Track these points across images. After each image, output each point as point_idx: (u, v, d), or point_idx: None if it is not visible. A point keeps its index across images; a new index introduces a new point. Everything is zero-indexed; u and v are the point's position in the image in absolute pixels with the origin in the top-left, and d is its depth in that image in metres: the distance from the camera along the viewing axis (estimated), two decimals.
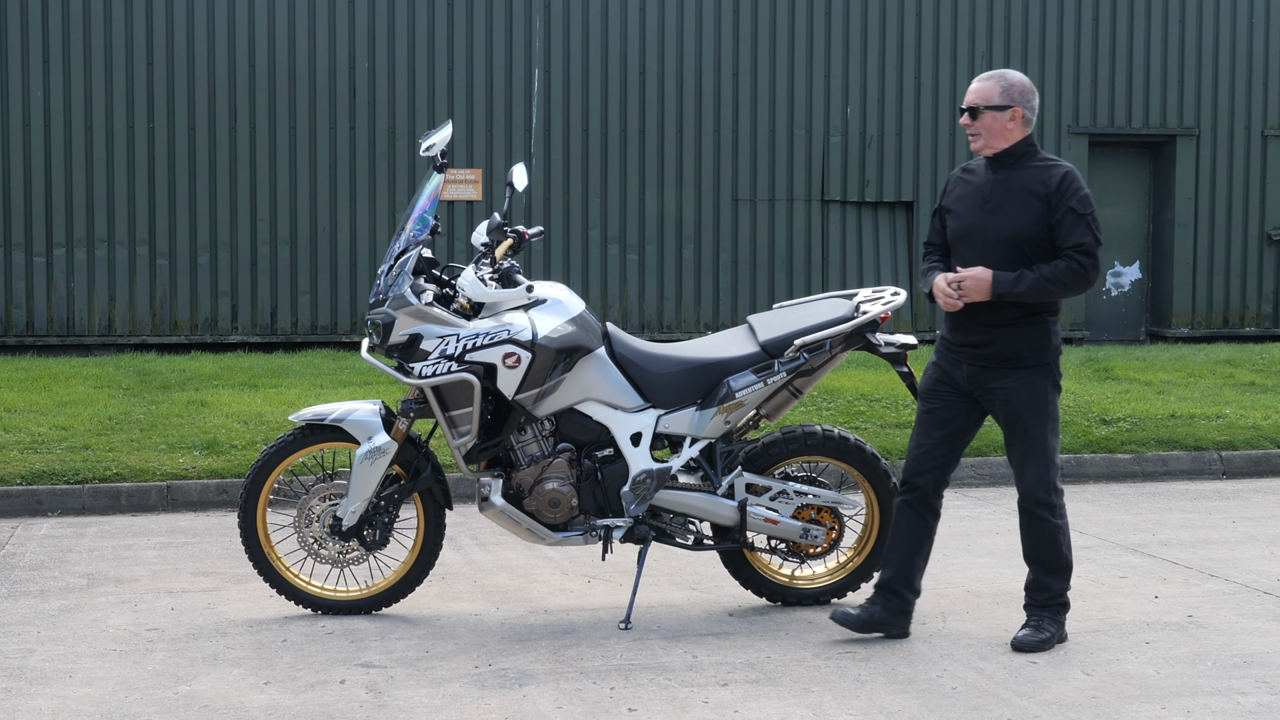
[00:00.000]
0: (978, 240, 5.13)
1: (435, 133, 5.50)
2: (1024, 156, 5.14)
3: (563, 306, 5.51)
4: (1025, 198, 5.07)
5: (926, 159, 15.67)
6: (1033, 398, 5.11)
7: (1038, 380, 5.12)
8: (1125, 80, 16.13)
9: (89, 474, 7.93)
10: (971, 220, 5.17)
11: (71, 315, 14.14)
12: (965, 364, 5.19)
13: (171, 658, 5.07)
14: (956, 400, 5.24)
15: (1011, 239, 5.06)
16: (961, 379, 5.21)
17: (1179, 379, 11.35)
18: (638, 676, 4.87)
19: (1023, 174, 5.11)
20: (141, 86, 14.21)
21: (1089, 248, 5.01)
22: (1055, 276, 5.00)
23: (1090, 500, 8.25)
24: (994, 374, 5.13)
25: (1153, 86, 16.18)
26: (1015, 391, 5.10)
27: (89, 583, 6.18)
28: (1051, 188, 5.05)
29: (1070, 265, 5.01)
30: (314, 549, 5.63)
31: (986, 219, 5.12)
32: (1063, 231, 5.04)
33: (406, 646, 5.23)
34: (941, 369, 5.28)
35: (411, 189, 14.50)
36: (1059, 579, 5.21)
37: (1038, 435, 5.11)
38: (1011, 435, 5.17)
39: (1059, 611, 5.22)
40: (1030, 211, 5.06)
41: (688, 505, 5.58)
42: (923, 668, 4.96)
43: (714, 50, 15.22)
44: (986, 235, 5.11)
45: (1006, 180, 5.13)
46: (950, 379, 5.25)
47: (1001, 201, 5.11)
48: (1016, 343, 5.10)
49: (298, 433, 5.61)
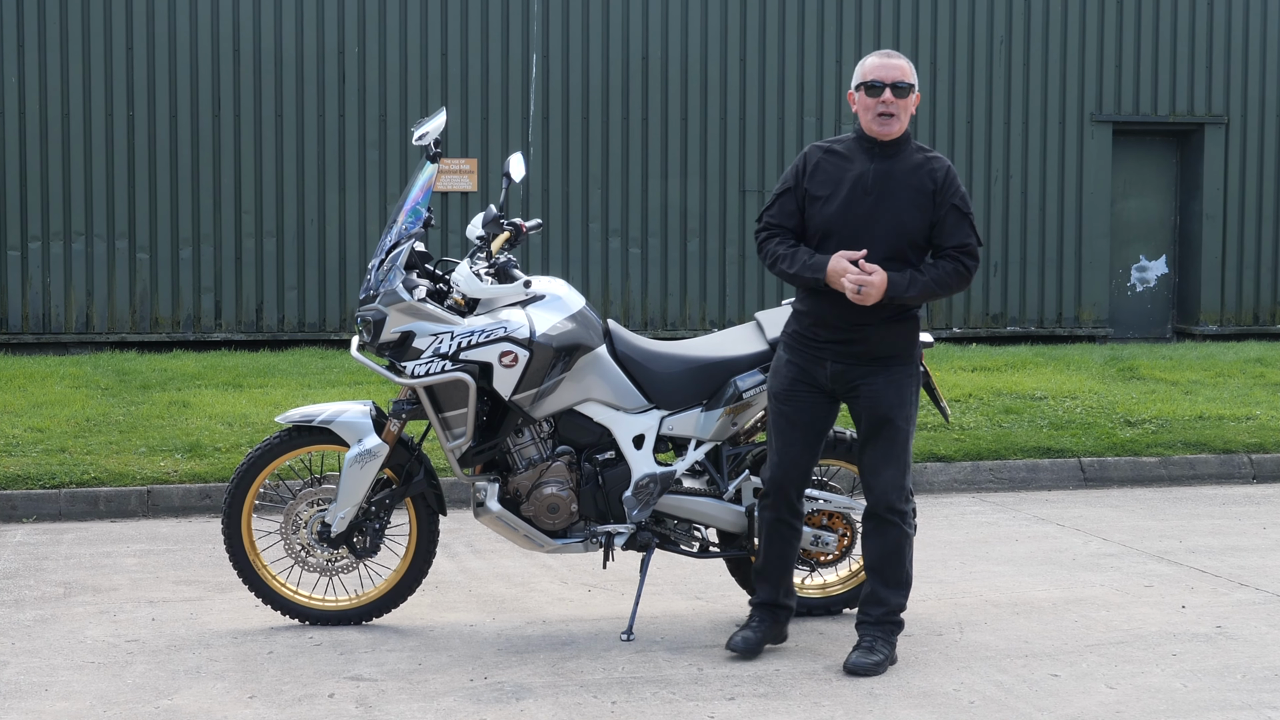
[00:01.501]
0: (857, 233, 5.01)
1: (429, 120, 5.50)
2: (904, 144, 5.09)
3: (562, 303, 5.51)
4: (910, 191, 5.01)
5: (943, 148, 15.65)
6: (900, 396, 5.08)
7: (905, 379, 5.10)
8: (1151, 65, 16.12)
9: (66, 478, 7.94)
10: (848, 210, 5.03)
11: (47, 312, 14.15)
12: (830, 361, 5.11)
13: (152, 670, 5.07)
14: (816, 400, 5.18)
15: (895, 234, 5.00)
16: (823, 377, 5.13)
17: (1207, 378, 11.35)
18: (640, 690, 4.87)
19: (905, 164, 5.04)
20: (120, 72, 14.22)
21: (973, 249, 5.01)
22: (943, 279, 4.98)
23: (1114, 505, 8.25)
24: (861, 371, 5.08)
25: (1179, 72, 16.17)
26: (884, 390, 5.07)
27: (66, 592, 6.18)
28: (938, 183, 5.00)
29: (956, 267, 4.99)
30: (301, 556, 5.63)
31: (866, 212, 5.02)
32: (946, 230, 5.00)
33: (398, 659, 5.22)
34: (798, 367, 5.18)
35: (403, 180, 14.50)
36: (898, 594, 5.16)
37: (902, 436, 5.09)
38: (873, 435, 5.11)
39: (893, 631, 5.15)
40: (915, 206, 5.01)
41: (693, 511, 5.57)
42: (939, 681, 4.96)
43: (720, 35, 15.22)
44: (867, 228, 5.01)
45: (890, 170, 5.04)
46: (809, 377, 5.16)
47: (885, 193, 5.02)
48: (888, 341, 5.07)
49: (284, 435, 5.60)
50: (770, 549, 5.31)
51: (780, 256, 5.09)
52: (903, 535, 5.13)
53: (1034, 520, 7.80)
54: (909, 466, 5.14)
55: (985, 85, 15.77)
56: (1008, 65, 15.82)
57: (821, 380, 5.14)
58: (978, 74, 15.74)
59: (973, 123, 15.73)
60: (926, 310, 15.56)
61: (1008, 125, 15.84)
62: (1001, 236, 15.86)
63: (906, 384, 5.10)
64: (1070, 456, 8.96)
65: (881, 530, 5.13)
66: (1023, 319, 15.96)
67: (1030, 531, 7.48)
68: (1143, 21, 16.07)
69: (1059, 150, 15.94)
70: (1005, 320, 15.93)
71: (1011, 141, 15.86)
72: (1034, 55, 15.85)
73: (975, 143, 15.75)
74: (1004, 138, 15.84)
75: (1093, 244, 16.01)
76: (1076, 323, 16.03)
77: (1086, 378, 11.21)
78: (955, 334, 15.65)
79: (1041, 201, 15.92)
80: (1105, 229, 16.07)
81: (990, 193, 15.80)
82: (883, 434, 5.10)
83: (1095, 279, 16.04)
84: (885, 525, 5.12)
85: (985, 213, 15.75)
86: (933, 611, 5.86)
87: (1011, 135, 15.85)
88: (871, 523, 5.16)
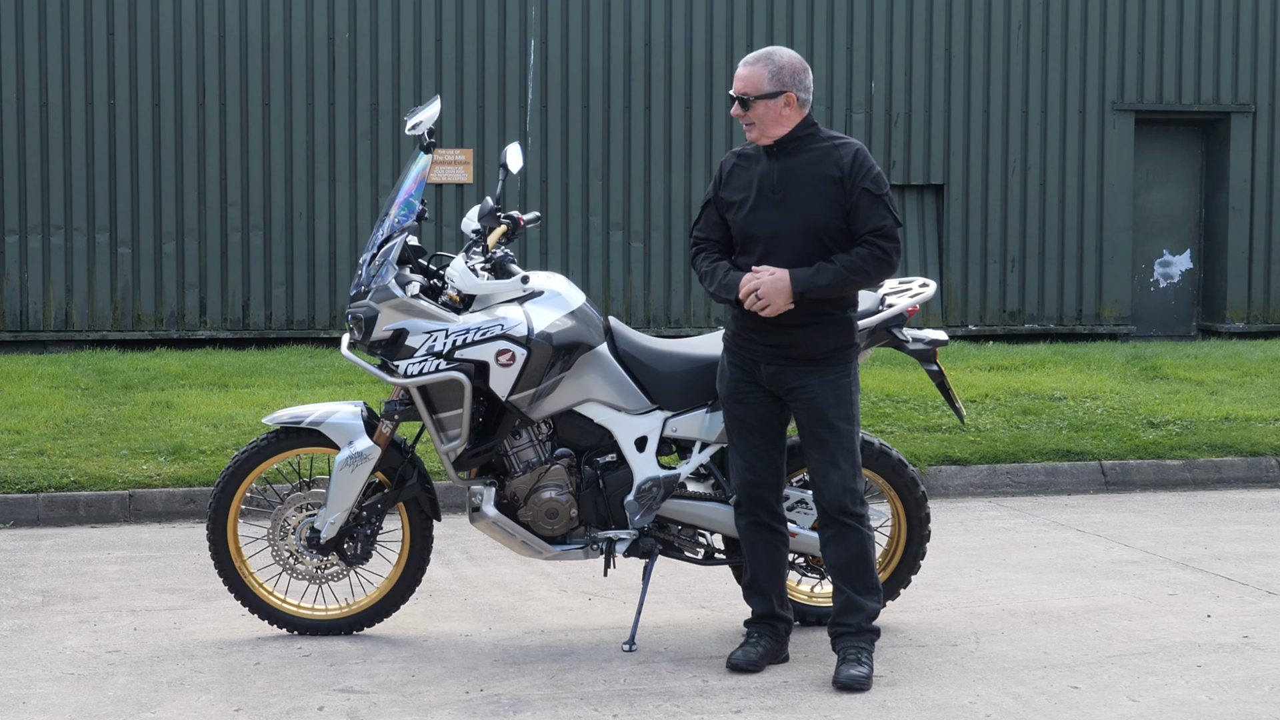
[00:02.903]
0: (772, 237, 5.06)
1: (422, 109, 5.50)
2: (806, 139, 5.10)
3: (561, 299, 5.51)
4: (816, 183, 5.03)
5: (959, 138, 15.66)
6: (837, 396, 5.08)
7: (841, 379, 5.10)
8: (1175, 52, 16.11)
9: (44, 482, 7.94)
10: (760, 214, 5.09)
11: (25, 309, 14.16)
12: (763, 363, 5.14)
13: (134, 682, 5.07)
14: (765, 399, 5.20)
15: (809, 231, 5.02)
16: (761, 377, 5.17)
17: (1233, 378, 11.35)
18: (643, 703, 4.87)
19: (808, 158, 5.06)
20: (101, 58, 14.22)
21: (889, 230, 5.00)
22: (857, 266, 4.98)
23: (1137, 510, 8.25)
24: (795, 373, 5.10)
25: (1205, 58, 16.15)
26: (819, 392, 5.08)
27: (44, 600, 6.19)
28: (845, 169, 5.01)
29: (872, 252, 4.99)
30: (289, 564, 5.63)
31: (777, 212, 5.06)
32: (859, 215, 5.01)
33: (390, 670, 5.23)
34: (739, 368, 5.22)
35: (396, 171, 14.51)
36: (873, 598, 5.17)
37: (844, 437, 5.09)
38: (814, 438, 5.12)
39: (873, 640, 5.16)
40: (824, 198, 5.02)
41: (698, 516, 5.58)
42: (954, 693, 4.96)
43: (726, 20, 15.22)
44: (780, 230, 5.04)
45: (793, 167, 5.07)
46: (751, 377, 5.19)
47: (791, 189, 5.05)
48: (820, 342, 5.07)
49: (272, 437, 5.61)
50: (754, 556, 5.32)
51: (704, 275, 5.23)
52: (865, 538, 5.14)
53: (1053, 526, 7.80)
54: (857, 467, 5.14)
55: (1002, 73, 15.77)
56: (1025, 52, 15.81)
57: (761, 380, 5.19)
58: (994, 61, 15.74)
59: (989, 112, 15.72)
60: (940, 307, 15.56)
61: (1025, 114, 15.84)
62: (1019, 230, 15.86)
63: (843, 385, 5.10)
64: (1091, 459, 8.96)
65: (842, 536, 5.13)
66: (1041, 316, 15.96)
67: (1049, 537, 7.48)
68: (1166, 6, 16.06)
69: (1079, 140, 15.93)
70: (1023, 317, 15.92)
71: (1029, 131, 15.85)
72: (1053, 41, 15.84)
73: (992, 133, 15.74)
74: (1021, 127, 15.83)
75: (1114, 238, 16.00)
76: (1097, 320, 16.03)
77: (1108, 377, 11.21)
78: (971, 332, 15.65)
79: (1061, 194, 15.92)
80: (1127, 222, 16.07)
81: (1007, 185, 15.80)
82: (820, 436, 5.10)
83: (1117, 274, 16.03)
84: (844, 530, 5.12)
85: (1002, 206, 15.76)
86: (947, 621, 5.86)
87: (1029, 125, 15.85)
88: (830, 530, 5.16)
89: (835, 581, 5.19)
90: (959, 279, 15.73)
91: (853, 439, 5.12)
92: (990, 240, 15.79)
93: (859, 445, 5.16)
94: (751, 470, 5.25)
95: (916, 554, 5.82)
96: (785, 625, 5.34)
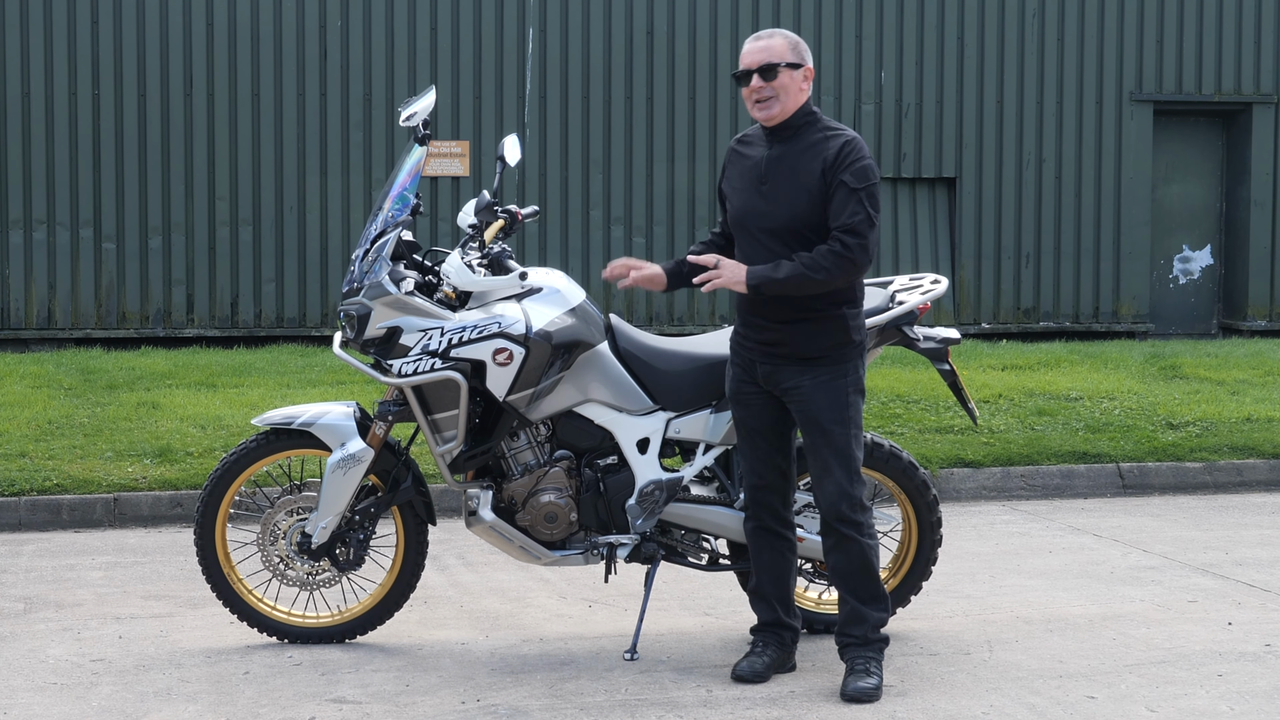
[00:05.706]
0: (754, 228, 5.06)
1: (417, 100, 5.51)
2: (804, 127, 5.08)
3: (560, 296, 5.51)
4: (802, 175, 5.01)
5: (971, 130, 15.66)
6: (831, 399, 5.06)
7: (836, 380, 5.07)
8: (1194, 40, 16.10)
9: (26, 485, 7.94)
10: (747, 204, 5.10)
11: (6, 306, 14.17)
12: (759, 362, 5.15)
13: (119, 692, 5.08)
14: (765, 400, 5.20)
15: (790, 226, 5.01)
16: (759, 377, 5.18)
17: (1255, 378, 11.35)
18: (645, 713, 4.87)
19: (802, 146, 5.05)
20: (85, 47, 14.23)
21: (856, 227, 4.91)
22: (816, 263, 4.91)
23: (1155, 514, 8.25)
24: (788, 373, 5.09)
25: (1225, 47, 16.15)
26: (812, 392, 5.06)
27: (26, 607, 6.19)
28: (828, 160, 4.98)
29: (832, 249, 4.92)
30: (280, 569, 5.64)
31: (763, 204, 5.06)
32: (833, 209, 4.96)
33: (384, 679, 5.23)
34: (740, 368, 5.25)
35: (390, 163, 14.51)
36: (878, 607, 5.16)
37: (839, 441, 5.06)
38: (810, 441, 5.12)
39: (881, 649, 5.16)
40: (806, 191, 5.00)
41: (701, 520, 5.58)
42: (966, 703, 4.96)
43: (731, 6, 15.22)
44: (762, 222, 5.04)
45: (784, 156, 5.06)
46: (751, 377, 5.21)
47: (778, 179, 5.04)
48: (812, 340, 5.06)
49: (261, 438, 5.61)
50: (760, 562, 5.32)
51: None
52: (866, 547, 5.12)
53: (1069, 530, 7.81)
54: (856, 473, 5.10)
55: (1016, 62, 15.76)
56: (1040, 40, 15.81)
57: (759, 380, 5.19)
58: (1008, 49, 15.73)
59: (1003, 103, 15.72)
60: (953, 305, 15.56)
61: (1040, 105, 15.83)
62: (1034, 225, 15.86)
63: (837, 385, 5.08)
64: (1108, 462, 8.96)
65: (842, 545, 5.12)
66: (1057, 314, 15.96)
67: (1065, 542, 7.48)
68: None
69: (1095, 132, 15.93)
70: (1038, 315, 15.92)
71: (1044, 123, 15.85)
72: (1068, 29, 15.84)
73: (1006, 124, 15.74)
74: (1036, 119, 15.83)
75: (1132, 233, 16.00)
76: (1114, 318, 16.03)
77: (1125, 377, 11.21)
78: (984, 330, 15.65)
79: (1077, 187, 15.91)
80: (1145, 217, 16.06)
81: (1022, 178, 15.80)
82: (814, 439, 5.10)
83: (1135, 271, 16.03)
84: (843, 539, 5.11)
85: (1016, 199, 15.76)
86: (960, 628, 5.86)
87: (1044, 116, 15.84)
88: (830, 538, 5.15)
89: (839, 591, 5.20)
90: (971, 275, 15.74)
91: (849, 442, 5.08)
92: (1004, 235, 15.79)
93: (859, 449, 5.13)
94: (755, 473, 5.25)
95: (928, 559, 5.82)
96: (792, 633, 5.34)
